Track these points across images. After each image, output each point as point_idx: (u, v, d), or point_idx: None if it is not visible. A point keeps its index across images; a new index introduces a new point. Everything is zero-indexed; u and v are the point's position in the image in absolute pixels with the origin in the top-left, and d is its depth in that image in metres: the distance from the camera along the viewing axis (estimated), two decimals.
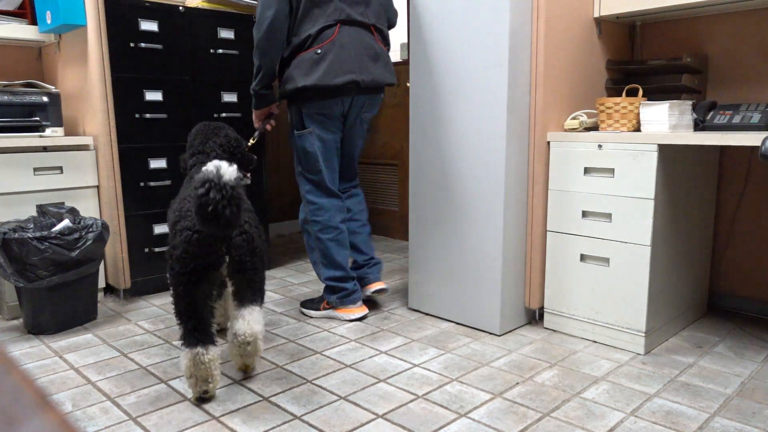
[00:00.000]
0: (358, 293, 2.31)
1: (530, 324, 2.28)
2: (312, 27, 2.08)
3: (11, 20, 2.67)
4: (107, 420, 1.58)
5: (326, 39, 2.08)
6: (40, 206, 2.34)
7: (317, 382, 1.80)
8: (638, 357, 1.96)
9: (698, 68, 2.26)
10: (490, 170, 2.10)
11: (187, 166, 1.96)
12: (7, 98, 2.40)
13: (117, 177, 2.54)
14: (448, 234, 2.27)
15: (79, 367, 1.92)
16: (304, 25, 2.09)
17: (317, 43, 2.08)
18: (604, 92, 2.35)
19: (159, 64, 2.63)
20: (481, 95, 2.09)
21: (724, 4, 2.13)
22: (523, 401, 1.66)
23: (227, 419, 1.57)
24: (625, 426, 1.52)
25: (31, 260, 2.09)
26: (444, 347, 2.07)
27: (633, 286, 1.96)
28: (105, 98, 2.47)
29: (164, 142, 2.68)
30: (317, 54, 2.08)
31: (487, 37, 2.05)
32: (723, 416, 1.57)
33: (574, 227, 2.09)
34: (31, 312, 2.20)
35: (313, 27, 2.07)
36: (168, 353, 2.03)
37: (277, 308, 2.50)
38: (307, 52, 2.09)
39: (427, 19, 2.22)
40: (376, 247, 3.69)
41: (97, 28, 2.42)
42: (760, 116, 1.92)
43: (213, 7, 2.79)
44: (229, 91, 2.88)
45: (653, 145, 1.87)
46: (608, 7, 2.20)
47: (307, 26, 2.08)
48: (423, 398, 1.69)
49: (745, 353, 1.99)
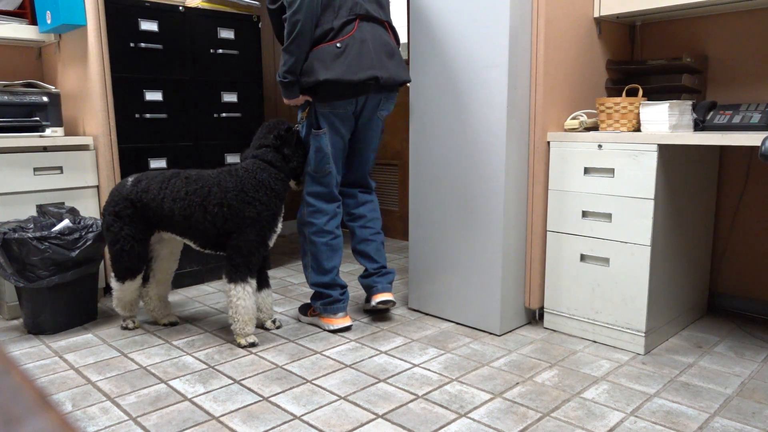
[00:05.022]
0: (342, 303, 2.21)
1: (530, 324, 2.28)
2: (334, 20, 2.03)
3: (11, 20, 2.67)
4: (107, 420, 1.58)
5: (347, 33, 2.03)
6: (40, 206, 2.34)
7: (317, 382, 1.80)
8: (638, 357, 1.96)
9: (698, 68, 2.26)
10: (490, 170, 2.10)
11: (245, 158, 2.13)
12: (7, 98, 2.40)
13: (117, 177, 2.54)
14: (448, 234, 2.27)
15: (79, 367, 1.92)
16: (326, 17, 2.03)
17: (339, 36, 2.03)
18: (604, 92, 2.35)
19: (159, 64, 2.63)
20: (481, 95, 2.09)
21: (724, 4, 2.13)
22: (523, 401, 1.66)
23: (227, 419, 1.57)
24: (625, 426, 1.52)
25: (31, 260, 2.09)
26: (444, 347, 2.07)
27: (633, 286, 1.96)
28: (105, 98, 2.47)
29: (164, 142, 2.68)
30: (338, 48, 2.02)
31: (487, 37, 2.05)
32: (723, 416, 1.57)
33: (574, 227, 2.09)
34: (31, 312, 2.20)
35: (336, 20, 2.03)
36: (168, 353, 2.03)
37: (277, 308, 2.50)
38: (328, 44, 2.03)
39: (427, 19, 2.22)
40: None
41: (97, 28, 2.42)
42: (760, 116, 1.92)
43: (213, 7, 2.79)
44: (229, 91, 2.88)
45: (653, 145, 1.87)
46: (608, 7, 2.20)
47: (329, 18, 2.03)
48: (423, 398, 1.69)
49: (745, 353, 1.99)
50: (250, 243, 1.99)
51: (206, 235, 2.03)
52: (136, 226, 2.06)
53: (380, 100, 2.15)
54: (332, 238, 2.20)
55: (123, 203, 2.04)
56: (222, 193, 1.98)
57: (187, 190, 1.99)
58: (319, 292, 2.22)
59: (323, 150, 2.12)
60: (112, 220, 2.06)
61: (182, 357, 1.99)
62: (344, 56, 2.01)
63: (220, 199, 1.97)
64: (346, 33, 2.03)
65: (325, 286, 2.20)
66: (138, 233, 2.07)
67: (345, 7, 2.03)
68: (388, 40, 2.12)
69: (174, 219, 2.02)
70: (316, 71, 2.01)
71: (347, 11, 2.03)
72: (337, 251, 2.21)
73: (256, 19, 2.97)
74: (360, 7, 2.05)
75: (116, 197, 2.06)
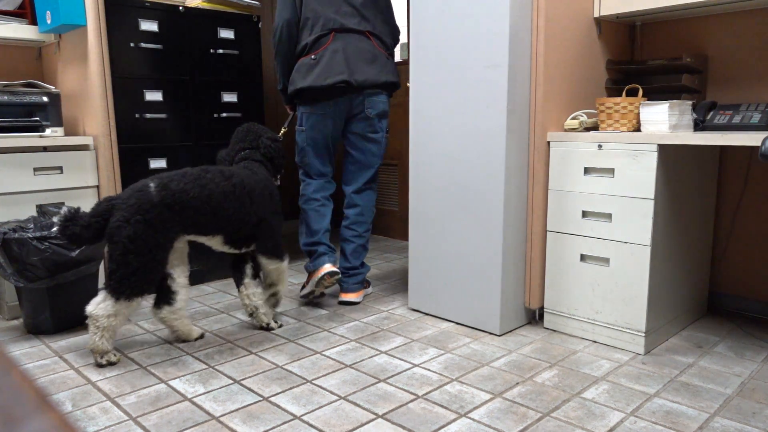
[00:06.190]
0: (326, 256, 2.48)
1: (530, 324, 2.28)
2: (309, 36, 2.38)
3: (11, 20, 2.67)
4: (107, 420, 1.58)
5: (321, 46, 2.36)
6: (40, 206, 2.34)
7: (317, 382, 1.80)
8: (638, 357, 1.96)
9: (698, 68, 2.26)
10: (490, 170, 2.10)
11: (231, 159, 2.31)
12: (7, 98, 2.40)
13: (117, 177, 2.54)
14: (448, 234, 2.27)
15: (79, 367, 1.92)
16: (303, 35, 2.40)
17: (314, 50, 2.37)
18: (604, 92, 2.35)
19: (159, 64, 2.63)
20: (481, 95, 2.09)
21: (724, 4, 2.13)
22: (523, 401, 1.66)
23: (227, 419, 1.57)
24: (625, 426, 1.52)
25: (31, 260, 2.09)
26: (444, 347, 2.07)
27: (633, 286, 1.96)
28: (105, 98, 2.47)
29: (164, 142, 2.69)
30: (313, 59, 2.37)
31: (487, 37, 2.05)
32: (723, 416, 1.57)
33: (574, 227, 2.09)
34: (31, 312, 2.20)
35: (310, 36, 2.37)
36: (168, 353, 2.03)
37: (277, 308, 2.50)
38: (306, 57, 2.39)
39: (427, 19, 2.22)
40: (376, 247, 3.69)
41: (97, 28, 2.42)
42: (760, 116, 1.92)
43: (213, 7, 2.79)
44: (229, 91, 2.88)
45: (653, 145, 1.87)
46: (608, 7, 2.20)
47: (305, 35, 2.39)
48: (423, 398, 1.69)
49: (745, 353, 1.99)
50: (276, 229, 2.22)
51: (240, 228, 2.09)
52: (167, 234, 1.91)
53: (363, 100, 2.40)
54: (319, 204, 2.54)
55: (156, 209, 1.87)
56: (253, 186, 2.12)
57: (233, 184, 2.05)
58: (307, 251, 2.54)
59: (300, 144, 2.52)
60: (143, 229, 1.85)
61: (182, 357, 1.99)
62: (318, 66, 2.35)
63: (256, 191, 2.12)
64: (321, 46, 2.37)
65: (313, 245, 2.52)
66: (167, 241, 1.93)
67: (318, 25, 2.36)
68: (368, 47, 2.39)
69: (218, 216, 2.00)
70: (295, 81, 2.41)
71: (320, 28, 2.36)
72: (323, 216, 2.53)
73: (256, 19, 2.97)
74: (334, 22, 2.36)
75: (145, 204, 1.86)
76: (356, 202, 2.54)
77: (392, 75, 2.43)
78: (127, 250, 1.84)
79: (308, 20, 2.37)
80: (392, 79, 2.43)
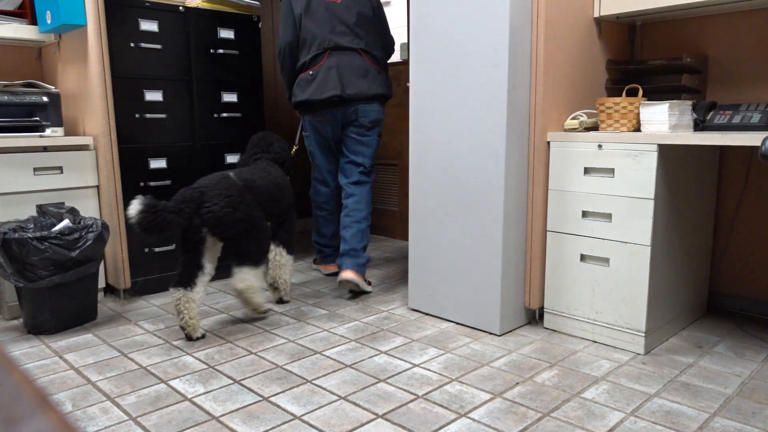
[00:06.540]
0: (332, 258, 3.00)
1: (530, 324, 2.28)
2: (307, 55, 2.69)
3: (11, 20, 2.67)
4: (107, 420, 1.58)
5: (318, 63, 2.66)
6: (40, 206, 2.34)
7: (317, 382, 1.80)
8: (638, 357, 1.96)
9: (698, 68, 2.26)
10: (490, 170, 2.10)
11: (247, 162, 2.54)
12: (7, 98, 2.40)
13: (117, 177, 2.54)
14: (447, 234, 2.27)
15: (79, 367, 1.93)
16: (302, 53, 2.72)
17: (311, 66, 2.68)
18: (604, 92, 2.35)
19: (159, 64, 2.63)
20: (481, 95, 2.09)
21: (724, 4, 2.13)
22: (523, 401, 1.66)
23: (227, 419, 1.58)
24: (625, 426, 1.52)
25: (31, 260, 2.09)
26: (444, 347, 2.07)
27: (633, 286, 1.96)
28: (105, 98, 2.47)
29: (164, 142, 2.69)
30: (310, 75, 2.68)
31: (487, 37, 2.05)
32: (723, 416, 1.57)
33: (574, 227, 2.09)
34: (31, 312, 2.20)
35: (308, 55, 2.69)
36: (168, 353, 2.03)
37: (277, 308, 2.50)
38: (305, 73, 2.71)
39: (427, 19, 2.22)
40: (376, 247, 3.69)
41: (97, 28, 2.42)
42: (760, 116, 1.92)
43: (213, 7, 2.79)
44: (229, 91, 2.88)
45: (653, 145, 1.87)
46: (608, 7, 2.20)
47: (304, 54, 2.71)
48: (423, 398, 1.69)
49: (745, 353, 1.99)
50: (294, 221, 2.54)
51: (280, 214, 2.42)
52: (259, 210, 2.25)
53: (356, 110, 2.69)
54: (327, 213, 2.97)
55: (243, 192, 2.17)
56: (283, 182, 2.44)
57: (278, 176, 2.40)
58: (317, 247, 3.04)
59: (308, 147, 2.91)
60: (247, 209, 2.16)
61: (182, 357, 1.99)
62: (315, 81, 2.66)
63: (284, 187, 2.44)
64: (317, 63, 2.67)
65: (322, 245, 3.02)
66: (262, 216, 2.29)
67: (315, 45, 2.66)
68: (360, 63, 2.67)
69: (275, 201, 2.34)
70: (296, 94, 2.75)
71: (317, 47, 2.66)
72: (331, 222, 2.98)
73: (256, 19, 2.97)
74: (329, 42, 2.64)
75: (234, 189, 2.14)
76: (353, 191, 2.76)
77: (382, 88, 2.72)
78: (247, 228, 2.15)
79: (306, 40, 2.68)
80: (382, 91, 2.72)
